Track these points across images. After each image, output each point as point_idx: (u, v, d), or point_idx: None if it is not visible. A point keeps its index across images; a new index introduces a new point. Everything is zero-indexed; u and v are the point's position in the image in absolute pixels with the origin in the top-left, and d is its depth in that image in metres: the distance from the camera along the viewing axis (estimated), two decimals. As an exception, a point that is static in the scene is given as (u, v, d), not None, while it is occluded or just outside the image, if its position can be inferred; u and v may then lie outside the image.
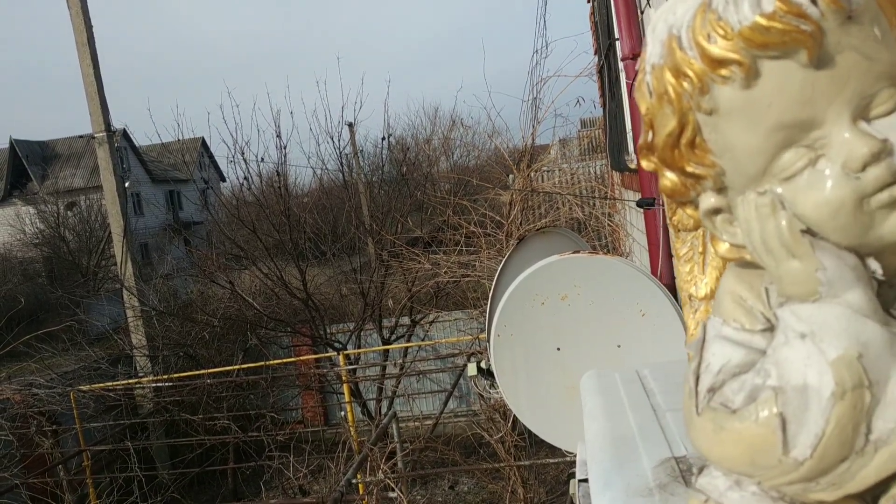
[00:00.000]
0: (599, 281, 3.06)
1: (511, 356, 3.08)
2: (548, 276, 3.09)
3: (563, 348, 3.03)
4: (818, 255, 0.60)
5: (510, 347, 3.08)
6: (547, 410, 3.13)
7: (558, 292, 3.03)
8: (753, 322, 0.68)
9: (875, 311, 0.60)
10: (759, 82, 0.58)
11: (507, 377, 3.16)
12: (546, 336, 3.04)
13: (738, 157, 0.62)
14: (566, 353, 3.04)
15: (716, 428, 0.63)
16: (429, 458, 6.69)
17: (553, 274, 3.09)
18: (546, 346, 3.05)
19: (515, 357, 3.07)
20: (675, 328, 3.00)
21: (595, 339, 3.01)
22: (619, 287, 2.97)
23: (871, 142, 0.58)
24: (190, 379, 8.01)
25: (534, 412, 3.19)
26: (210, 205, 13.06)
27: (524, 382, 3.11)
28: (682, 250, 0.97)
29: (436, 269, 7.40)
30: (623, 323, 2.99)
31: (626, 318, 3.01)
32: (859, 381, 0.58)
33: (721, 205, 0.67)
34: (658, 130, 0.66)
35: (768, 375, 0.61)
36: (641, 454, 1.21)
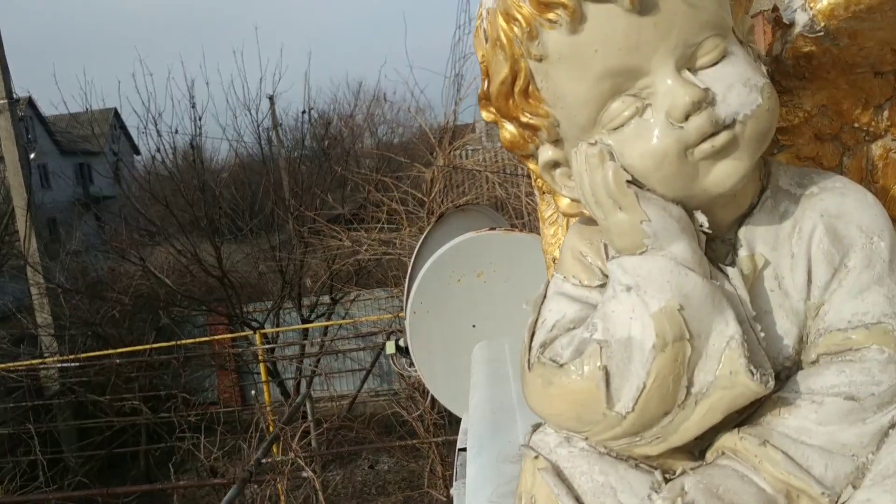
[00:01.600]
0: (515, 258, 3.08)
1: (427, 333, 3.07)
2: (464, 252, 3.08)
3: (479, 325, 3.04)
4: (643, 207, 0.59)
5: (426, 325, 3.06)
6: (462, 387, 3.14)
7: (475, 269, 3.03)
8: (591, 278, 0.67)
9: (699, 263, 0.60)
10: (584, 27, 0.57)
11: (422, 354, 3.15)
12: (462, 313, 3.04)
13: (568, 106, 0.61)
14: (482, 330, 3.04)
15: (544, 383, 0.62)
16: (347, 437, 6.65)
17: (469, 251, 3.09)
18: (462, 324, 3.05)
19: (431, 334, 3.06)
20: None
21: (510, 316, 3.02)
22: (534, 264, 2.98)
23: (692, 90, 0.57)
24: (98, 359, 7.70)
25: (450, 389, 3.19)
26: (122, 179, 12.55)
27: (440, 360, 3.11)
28: (547, 213, 0.96)
29: (357, 246, 7.32)
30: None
31: (539, 295, 3.04)
32: (680, 334, 0.58)
33: (558, 157, 0.66)
34: (493, 78, 0.64)
35: (595, 329, 0.61)
36: (517, 422, 1.22)
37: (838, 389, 0.60)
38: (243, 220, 9.86)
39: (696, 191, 0.60)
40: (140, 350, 7.66)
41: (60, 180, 15.38)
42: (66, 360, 7.85)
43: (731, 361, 0.58)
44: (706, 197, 0.60)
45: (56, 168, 16.11)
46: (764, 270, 0.64)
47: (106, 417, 7.29)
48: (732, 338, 0.58)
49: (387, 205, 7.02)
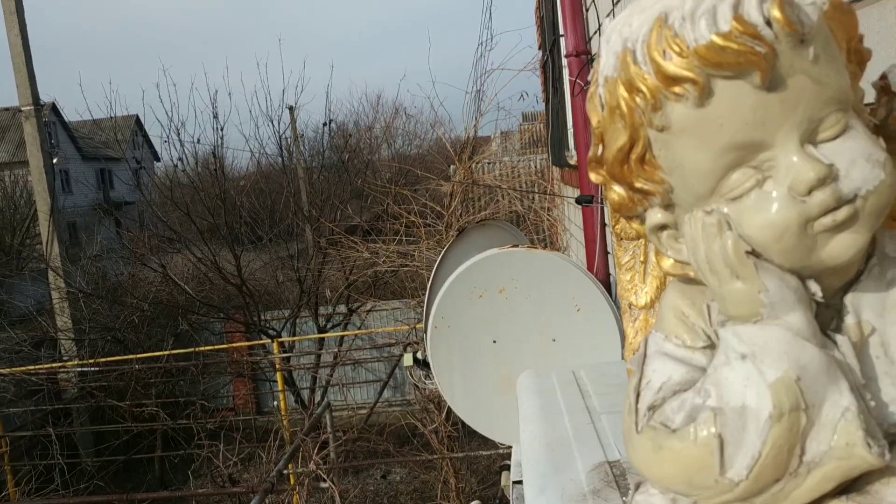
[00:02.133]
0: (537, 275, 3.08)
1: (447, 347, 3.07)
2: (486, 268, 3.09)
3: (500, 341, 3.04)
4: (761, 277, 0.60)
5: (447, 339, 3.07)
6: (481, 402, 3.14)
7: (496, 285, 3.04)
8: (695, 339, 0.68)
9: (814, 333, 0.61)
10: (711, 101, 0.58)
11: (442, 368, 3.15)
12: (483, 328, 3.04)
13: (687, 175, 0.62)
14: (502, 345, 3.05)
15: (655, 447, 0.63)
16: (362, 448, 6.66)
17: (492, 267, 3.09)
18: (483, 339, 3.06)
19: (452, 348, 3.07)
20: (609, 324, 3.04)
21: (531, 332, 3.03)
22: (556, 282, 3.00)
23: (817, 166, 0.58)
24: (117, 364, 7.76)
25: (468, 403, 3.19)
26: (143, 185, 12.65)
27: (459, 374, 3.11)
28: (624, 259, 0.97)
29: (374, 257, 7.34)
30: (559, 317, 3.02)
31: (561, 312, 3.04)
32: (796, 404, 0.58)
33: (668, 221, 0.67)
34: (609, 144, 0.65)
35: (708, 395, 0.61)
36: (576, 458, 1.22)
37: (950, 461, 0.60)
38: (263, 229, 9.91)
39: (812, 262, 0.60)
40: (159, 356, 7.70)
41: (82, 185, 15.52)
42: (86, 364, 7.90)
43: (847, 433, 0.58)
44: (822, 267, 0.61)
45: (78, 173, 16.27)
46: (870, 338, 0.64)
47: (124, 423, 7.32)
48: (848, 409, 0.59)
49: (405, 217, 7.05)
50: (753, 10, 0.56)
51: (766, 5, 0.56)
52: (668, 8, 0.60)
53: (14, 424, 7.75)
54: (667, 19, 0.59)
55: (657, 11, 0.60)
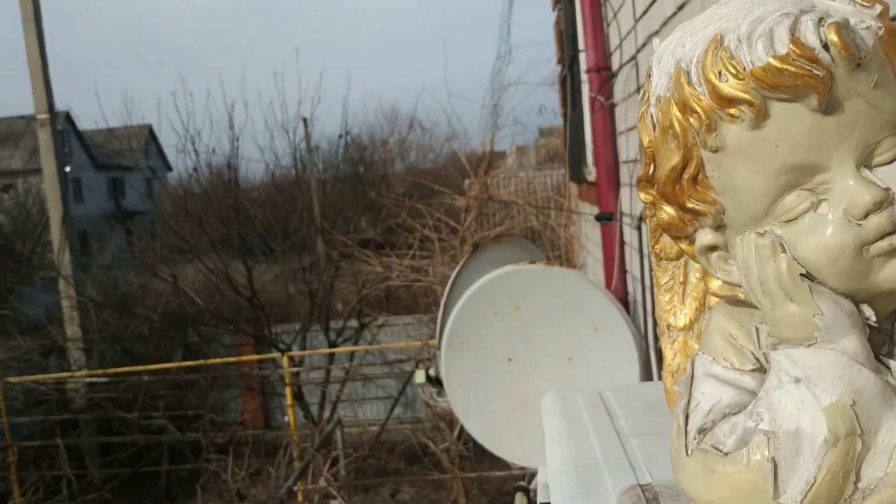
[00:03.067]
0: (554, 293, 3.07)
1: (462, 365, 3.06)
2: (502, 286, 3.08)
3: (515, 359, 3.03)
4: (816, 300, 0.60)
5: (461, 356, 3.06)
6: (495, 421, 3.12)
7: (512, 303, 3.03)
8: (744, 361, 0.68)
9: (869, 358, 0.60)
10: (767, 124, 0.58)
11: (456, 386, 3.13)
12: (498, 346, 3.03)
13: (740, 196, 0.62)
14: (517, 364, 3.03)
15: (706, 470, 0.62)
16: (371, 465, 6.63)
17: (508, 284, 3.08)
18: (497, 357, 3.04)
19: (466, 366, 3.05)
20: (626, 344, 3.02)
21: (547, 351, 3.01)
22: (574, 300, 2.98)
23: (874, 190, 0.58)
24: (126, 375, 7.77)
25: (482, 422, 3.17)
26: (155, 194, 12.73)
27: (474, 392, 3.10)
28: (663, 279, 0.97)
29: (387, 271, 7.35)
30: (575, 336, 3.00)
31: (578, 331, 3.01)
32: (852, 429, 0.58)
33: (718, 242, 0.67)
34: (660, 164, 0.65)
35: (761, 419, 0.61)
36: (606, 480, 1.20)
37: None
38: (275, 241, 9.95)
39: (867, 286, 0.60)
40: (168, 368, 7.71)
41: (94, 194, 15.63)
42: (95, 374, 7.91)
43: (902, 459, 0.58)
44: (876, 291, 0.61)
45: (90, 182, 16.39)
46: (921, 363, 0.64)
47: (132, 434, 7.32)
48: (904, 435, 0.58)
49: (419, 231, 7.05)
50: (811, 34, 0.56)
51: (824, 29, 0.57)
52: (724, 30, 0.60)
53: (22, 434, 7.76)
54: (722, 41, 0.59)
55: (712, 32, 0.61)
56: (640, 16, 2.96)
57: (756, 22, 0.58)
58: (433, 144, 13.11)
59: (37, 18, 9.01)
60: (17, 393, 7.64)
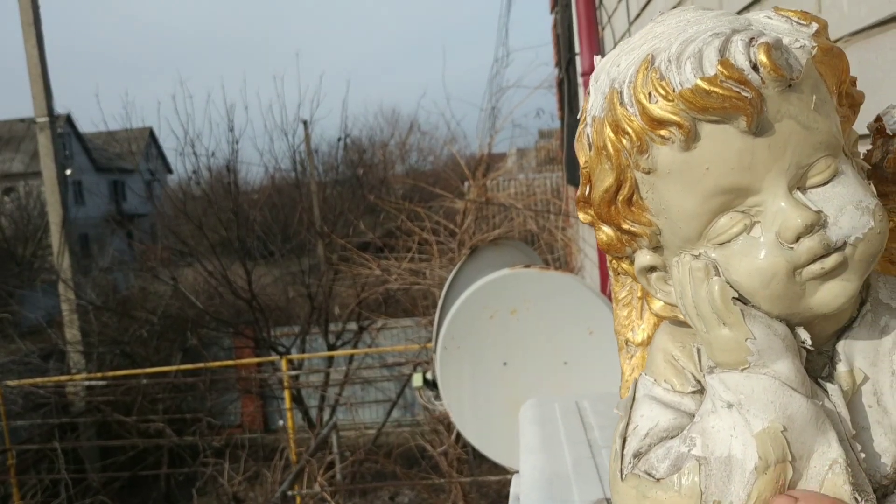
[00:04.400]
0: (550, 297, 3.06)
1: (457, 369, 3.05)
2: (498, 289, 3.06)
3: (510, 363, 3.01)
4: (748, 324, 0.59)
5: (457, 360, 3.05)
6: (490, 425, 3.11)
7: (508, 306, 3.02)
8: (684, 383, 0.67)
9: (802, 382, 0.59)
10: (698, 145, 0.57)
11: (451, 390, 3.12)
12: (493, 350, 3.02)
13: (674, 218, 0.61)
14: (513, 367, 3.02)
15: (638, 495, 0.61)
16: (369, 469, 6.62)
17: (504, 287, 3.07)
18: (493, 360, 3.03)
19: (461, 370, 3.04)
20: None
21: (542, 355, 3.00)
22: (569, 304, 2.97)
23: (805, 213, 0.57)
24: (125, 378, 7.77)
25: (477, 426, 3.16)
26: (155, 197, 12.75)
27: (469, 396, 3.08)
28: (621, 294, 0.96)
29: (386, 274, 7.34)
30: (571, 340, 2.98)
31: (574, 335, 3.00)
32: (782, 455, 0.57)
33: (656, 263, 0.66)
34: (596, 185, 0.64)
35: (693, 444, 0.60)
36: (574, 493, 1.20)
37: (943, 515, 0.59)
38: (274, 244, 9.95)
39: (801, 309, 0.59)
40: (167, 371, 7.71)
41: (94, 197, 15.66)
42: (94, 377, 7.92)
43: (834, 486, 0.57)
44: (810, 315, 0.60)
45: (90, 184, 16.42)
46: (862, 386, 0.63)
47: (130, 438, 7.33)
48: (836, 462, 0.57)
49: (417, 234, 7.05)
50: (740, 55, 0.56)
51: (753, 50, 0.56)
52: (656, 49, 0.59)
53: (21, 437, 7.77)
54: (653, 61, 0.58)
55: (644, 52, 0.60)
56: (634, 19, 2.95)
57: (686, 42, 0.58)
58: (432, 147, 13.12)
59: (36, 22, 9.03)
60: (17, 396, 7.65)
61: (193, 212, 9.58)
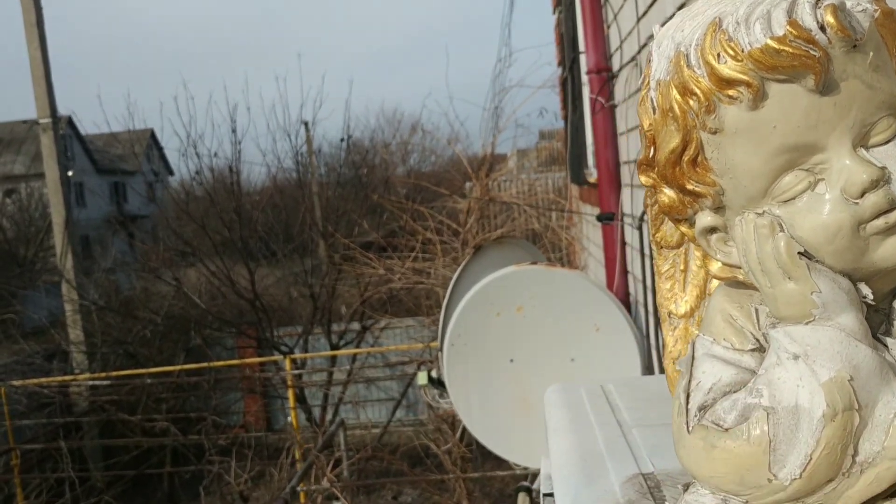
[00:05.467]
0: (556, 294, 3.07)
1: (464, 367, 3.06)
2: (504, 286, 3.08)
3: (517, 360, 3.03)
4: (814, 278, 0.61)
5: (463, 358, 3.06)
6: (498, 422, 3.12)
7: (514, 303, 3.03)
8: (743, 341, 0.69)
9: (866, 334, 0.61)
10: (765, 104, 0.59)
11: (458, 388, 3.13)
12: (500, 347, 3.03)
13: (739, 177, 0.63)
14: (519, 365, 3.03)
15: (706, 446, 0.63)
16: (374, 467, 6.63)
17: (510, 285, 3.08)
18: (500, 358, 3.04)
19: (468, 368, 3.05)
20: (628, 344, 3.02)
21: (549, 351, 3.01)
22: (576, 301, 2.98)
23: (870, 169, 0.59)
24: (129, 378, 7.78)
25: (484, 423, 3.17)
26: (157, 198, 12.76)
27: (476, 393, 3.09)
28: (664, 267, 0.98)
29: (389, 274, 7.35)
30: (577, 337, 3.00)
31: (580, 332, 3.01)
32: (849, 404, 0.59)
33: (717, 224, 0.68)
34: (661, 147, 0.66)
35: (760, 395, 0.62)
36: (609, 470, 1.21)
37: None
38: (277, 244, 9.97)
39: (864, 264, 0.61)
40: (171, 370, 7.72)
41: (96, 198, 15.67)
42: (98, 377, 7.93)
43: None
44: (873, 270, 0.62)
45: (92, 186, 16.43)
46: (919, 341, 0.65)
47: (134, 437, 7.33)
48: (901, 410, 0.59)
49: (421, 234, 7.06)
50: (807, 16, 0.58)
51: (820, 11, 0.58)
52: (722, 13, 0.61)
53: (25, 437, 7.77)
54: (721, 24, 0.60)
55: (711, 16, 0.62)
56: (641, 16, 2.97)
57: (754, 4, 0.60)
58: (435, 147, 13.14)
59: (39, 23, 9.05)
60: (21, 396, 7.66)
61: (196, 212, 9.59)
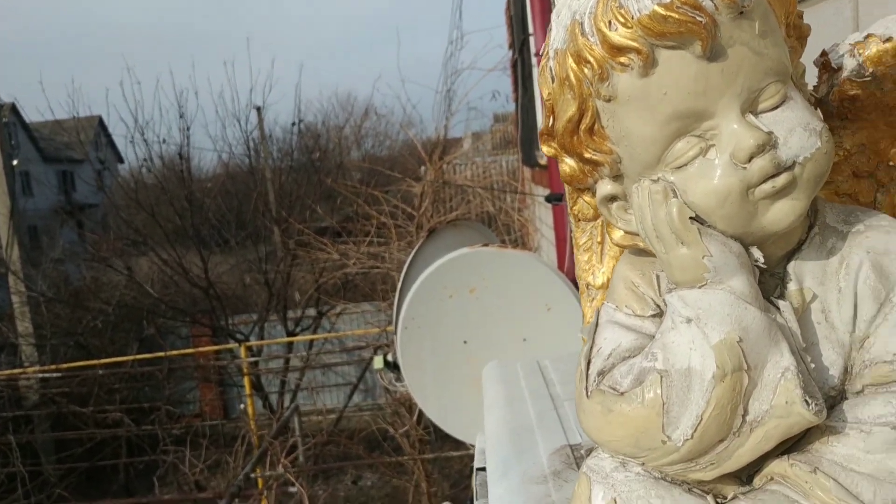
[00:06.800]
0: (508, 275, 3.09)
1: (418, 349, 3.06)
2: (457, 268, 3.08)
3: (470, 341, 3.04)
4: (705, 242, 0.62)
5: (417, 340, 3.06)
6: (452, 403, 3.13)
7: (467, 285, 3.04)
8: (644, 308, 0.70)
9: (756, 297, 0.63)
10: (655, 71, 0.60)
11: (412, 370, 3.14)
12: (453, 329, 3.04)
13: (634, 144, 0.64)
14: (473, 346, 3.05)
15: (604, 410, 0.64)
16: (332, 452, 6.61)
17: (462, 266, 3.09)
18: (453, 339, 3.05)
19: (422, 350, 3.06)
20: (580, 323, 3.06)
21: (502, 332, 3.03)
22: (527, 281, 3.01)
23: (757, 134, 0.60)
24: (80, 369, 7.61)
25: (439, 405, 3.19)
26: (106, 187, 12.45)
27: (430, 375, 3.10)
28: (582, 240, 0.99)
29: (344, 259, 7.31)
30: (529, 317, 3.02)
31: (532, 312, 3.04)
32: (739, 365, 0.60)
33: (617, 192, 0.69)
34: (559, 115, 0.66)
35: (655, 359, 0.63)
36: (539, 443, 1.23)
37: (885, 419, 0.63)
38: (230, 231, 9.82)
39: (754, 228, 0.63)
40: (123, 361, 7.57)
41: (43, 187, 15.23)
42: (48, 369, 7.74)
43: (786, 392, 0.60)
44: (763, 234, 0.63)
45: (38, 175, 15.95)
46: (812, 304, 0.67)
47: (87, 429, 7.18)
48: (788, 369, 0.61)
49: (375, 218, 7.02)
50: None
51: None
52: None
53: (-27, 432, 7.56)
54: None
55: None
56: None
57: None
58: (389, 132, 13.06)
59: (-24, 6, 8.72)
60: (-34, 391, 7.44)
61: (146, 200, 9.38)
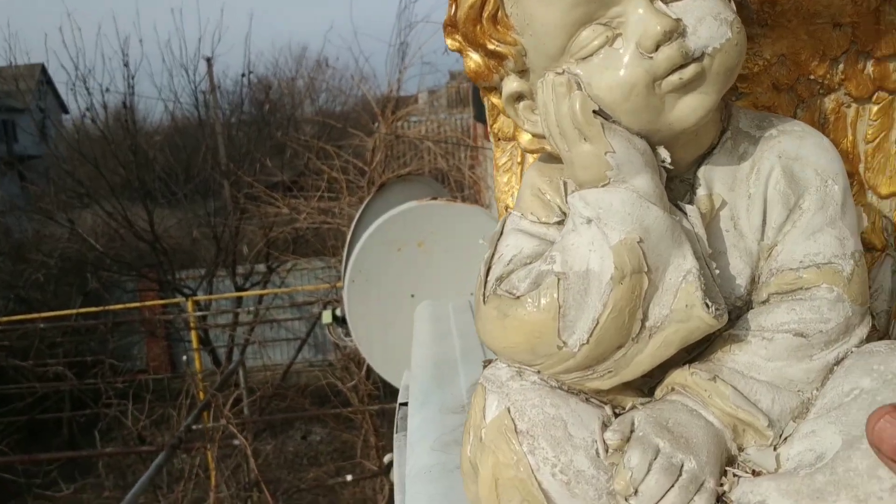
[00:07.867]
0: (456, 228, 3.07)
1: (365, 303, 3.03)
2: (405, 222, 3.05)
3: (418, 295, 3.02)
4: (608, 138, 0.59)
5: (364, 294, 3.03)
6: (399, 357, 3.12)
7: (415, 239, 3.01)
8: (550, 215, 0.67)
9: (661, 197, 0.60)
10: None
11: (360, 324, 3.12)
12: (401, 283, 3.01)
13: (537, 33, 0.60)
14: (420, 299, 3.03)
15: (499, 315, 0.61)
16: (280, 407, 6.57)
17: (410, 220, 3.06)
18: (400, 294, 3.03)
19: (369, 304, 3.03)
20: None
21: (449, 286, 3.02)
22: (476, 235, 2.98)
23: (664, 20, 0.56)
24: (20, 323, 7.40)
25: (386, 359, 3.18)
26: (49, 137, 11.98)
27: (377, 329, 3.08)
28: (502, 160, 0.95)
29: (295, 214, 7.20)
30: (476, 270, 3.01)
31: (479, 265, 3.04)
32: (638, 266, 0.57)
33: (523, 89, 0.65)
34: (461, 3, 0.62)
35: (553, 261, 0.60)
36: (460, 375, 1.21)
37: (788, 326, 0.61)
38: (177, 185, 9.56)
39: (661, 125, 0.59)
40: (66, 315, 7.38)
41: (-19, 137, 14.59)
42: (-15, 323, 7.50)
43: (687, 295, 0.58)
44: (670, 132, 0.60)
45: (-24, 124, 15.28)
46: (720, 210, 0.64)
47: (28, 383, 7.01)
48: (689, 272, 0.58)
49: (327, 173, 6.91)
50: None
51: None
52: None
53: None
54: None
55: None
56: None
57: None
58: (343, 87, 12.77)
59: None
60: None
61: (90, 152, 9.05)
